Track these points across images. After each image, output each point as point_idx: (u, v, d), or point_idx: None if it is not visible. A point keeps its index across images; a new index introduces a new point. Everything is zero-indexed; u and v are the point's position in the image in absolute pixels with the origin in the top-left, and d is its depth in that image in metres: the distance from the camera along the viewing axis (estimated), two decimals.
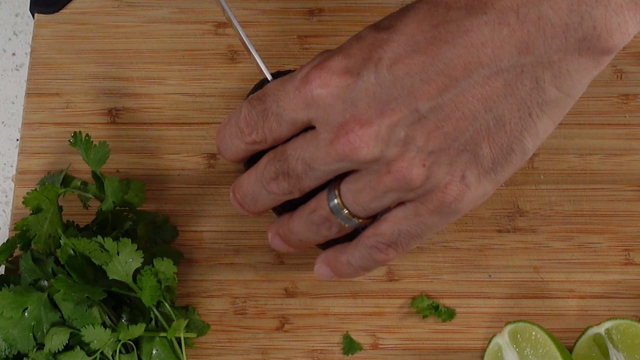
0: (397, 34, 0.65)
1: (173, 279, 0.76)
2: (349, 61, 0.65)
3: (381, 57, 0.65)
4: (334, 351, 0.80)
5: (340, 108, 0.65)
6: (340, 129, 0.65)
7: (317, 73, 0.66)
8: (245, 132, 0.70)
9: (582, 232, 0.83)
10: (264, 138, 0.70)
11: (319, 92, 0.66)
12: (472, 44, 0.63)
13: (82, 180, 0.82)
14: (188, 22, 0.89)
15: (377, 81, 0.64)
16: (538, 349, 0.77)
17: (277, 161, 0.69)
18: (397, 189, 0.66)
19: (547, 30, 0.63)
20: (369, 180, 0.67)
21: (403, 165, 0.65)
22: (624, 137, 0.85)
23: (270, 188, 0.70)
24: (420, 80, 0.64)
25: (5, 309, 0.74)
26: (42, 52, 0.88)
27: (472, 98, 0.64)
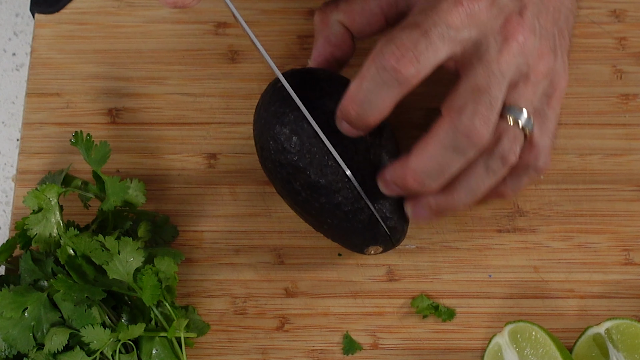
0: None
1: (174, 279, 0.76)
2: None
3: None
4: (334, 351, 0.80)
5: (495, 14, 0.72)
6: (503, 29, 0.72)
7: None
8: (403, 62, 0.69)
9: (582, 232, 0.83)
10: (424, 64, 0.69)
11: (475, 7, 0.71)
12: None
13: (82, 180, 0.82)
14: (188, 22, 0.89)
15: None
16: (538, 348, 0.77)
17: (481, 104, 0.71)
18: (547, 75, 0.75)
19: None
20: (529, 80, 0.73)
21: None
22: (624, 137, 0.85)
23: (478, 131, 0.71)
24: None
25: (5, 309, 0.74)
26: (42, 52, 0.88)
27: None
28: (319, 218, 0.77)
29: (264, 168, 0.77)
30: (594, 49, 0.87)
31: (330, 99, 0.75)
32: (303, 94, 0.75)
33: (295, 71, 0.77)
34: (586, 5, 0.88)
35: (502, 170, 0.74)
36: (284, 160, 0.75)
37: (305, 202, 0.76)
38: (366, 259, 0.82)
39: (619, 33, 0.88)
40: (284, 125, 0.74)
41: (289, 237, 0.83)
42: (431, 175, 0.72)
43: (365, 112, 0.71)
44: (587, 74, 0.87)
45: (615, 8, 0.88)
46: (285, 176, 0.75)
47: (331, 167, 0.74)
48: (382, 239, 0.77)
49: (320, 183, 0.74)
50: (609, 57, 0.87)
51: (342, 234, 0.78)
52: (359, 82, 0.71)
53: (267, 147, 0.75)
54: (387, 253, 0.82)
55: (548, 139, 0.76)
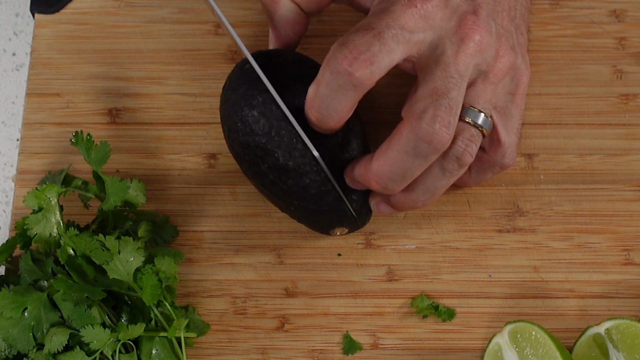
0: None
1: (174, 278, 0.76)
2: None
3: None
4: (334, 351, 0.80)
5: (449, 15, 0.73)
6: (458, 30, 0.72)
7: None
8: (357, 65, 0.69)
9: (582, 232, 0.83)
10: (377, 66, 0.69)
11: (428, 8, 0.71)
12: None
13: (82, 180, 0.82)
14: (188, 22, 0.89)
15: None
16: (538, 348, 0.77)
17: (440, 104, 0.71)
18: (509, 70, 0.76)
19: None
20: (487, 79, 0.74)
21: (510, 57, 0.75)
22: (624, 137, 0.85)
23: (439, 137, 0.71)
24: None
25: (5, 309, 0.74)
26: (42, 52, 0.88)
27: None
28: (286, 200, 0.77)
29: (231, 149, 0.77)
30: (594, 49, 0.87)
31: (300, 81, 0.75)
32: (272, 76, 0.75)
33: (263, 52, 0.77)
34: (586, 5, 0.88)
35: (459, 171, 0.75)
36: (252, 143, 0.75)
37: (272, 184, 0.76)
38: (366, 259, 0.82)
39: (619, 33, 0.88)
40: (253, 107, 0.74)
41: (289, 237, 0.83)
42: (393, 179, 0.73)
43: (324, 117, 0.72)
44: (587, 74, 0.87)
45: (615, 8, 0.88)
46: (253, 158, 0.75)
47: (299, 150, 0.75)
48: (348, 220, 0.78)
49: (289, 165, 0.75)
50: (609, 57, 0.87)
51: (309, 216, 0.78)
52: (316, 88, 0.71)
53: (234, 128, 0.75)
54: (387, 253, 0.82)
55: (514, 135, 0.77)
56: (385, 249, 0.83)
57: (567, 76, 0.87)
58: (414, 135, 0.71)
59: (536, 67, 0.86)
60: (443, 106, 0.71)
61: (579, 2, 0.88)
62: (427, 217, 0.83)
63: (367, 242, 0.83)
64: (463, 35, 0.72)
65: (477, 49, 0.73)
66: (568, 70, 0.87)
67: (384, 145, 0.73)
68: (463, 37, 0.72)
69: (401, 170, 0.73)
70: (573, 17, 0.88)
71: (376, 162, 0.73)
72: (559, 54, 0.87)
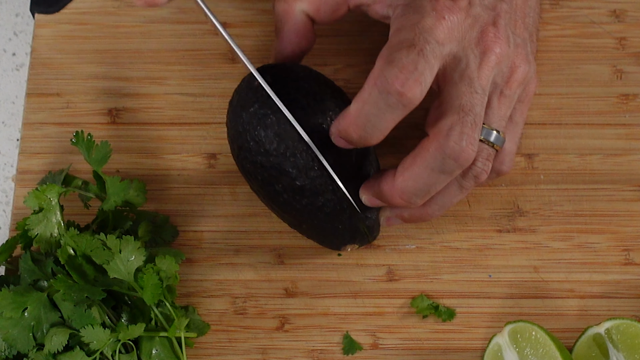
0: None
1: (175, 278, 0.76)
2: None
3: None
4: (334, 351, 0.80)
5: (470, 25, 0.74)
6: (480, 43, 0.73)
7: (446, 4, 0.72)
8: (408, 86, 0.69)
9: (582, 232, 0.83)
10: (425, 84, 0.70)
11: (454, 20, 0.72)
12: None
13: (83, 180, 0.82)
14: (188, 22, 0.89)
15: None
16: (538, 348, 0.77)
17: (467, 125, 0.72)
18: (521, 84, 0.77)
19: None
20: (503, 94, 0.75)
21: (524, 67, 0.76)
22: (624, 137, 0.85)
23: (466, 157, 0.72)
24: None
25: (5, 309, 0.74)
26: (42, 52, 0.88)
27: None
28: (298, 218, 0.77)
29: (240, 167, 0.77)
30: (594, 49, 0.87)
31: (313, 98, 0.75)
32: (283, 93, 0.74)
33: (270, 67, 0.77)
34: (586, 5, 0.88)
35: (473, 187, 0.76)
36: (266, 163, 0.74)
37: (286, 203, 0.76)
38: (366, 259, 0.82)
39: (619, 33, 0.88)
40: (267, 127, 0.74)
41: (289, 237, 0.83)
42: (418, 194, 0.74)
43: (368, 135, 0.72)
44: (587, 74, 0.87)
45: (615, 8, 0.88)
46: (267, 178, 0.75)
47: (315, 171, 0.74)
48: (360, 237, 0.78)
49: (305, 186, 0.74)
50: (609, 57, 0.87)
51: (321, 234, 0.78)
52: (361, 106, 0.71)
53: (246, 147, 0.75)
54: (387, 253, 0.82)
55: (514, 144, 0.78)
56: (385, 249, 0.83)
57: (567, 76, 0.87)
58: (441, 152, 0.72)
59: (536, 67, 0.86)
60: (469, 123, 0.72)
61: (579, 2, 0.88)
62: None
63: (371, 236, 0.83)
64: (485, 48, 0.73)
65: (497, 62, 0.74)
66: (568, 70, 0.87)
67: (407, 161, 0.74)
68: (485, 50, 0.73)
69: (426, 186, 0.74)
70: (573, 17, 0.88)
71: (400, 177, 0.74)
72: (559, 54, 0.87)
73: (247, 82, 0.76)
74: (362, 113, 0.71)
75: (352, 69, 0.87)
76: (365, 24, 0.81)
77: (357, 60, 0.87)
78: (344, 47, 0.88)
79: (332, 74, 0.87)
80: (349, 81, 0.87)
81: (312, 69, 0.78)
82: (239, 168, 0.77)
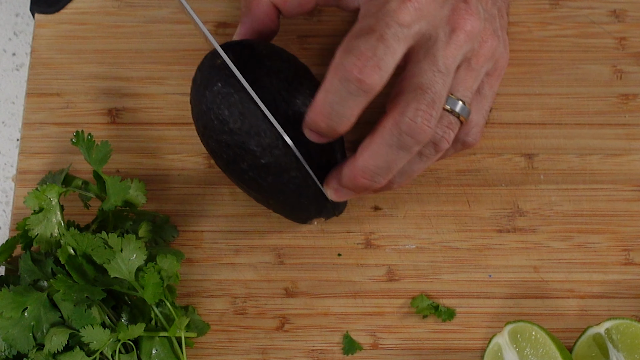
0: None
1: (176, 277, 0.76)
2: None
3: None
4: (334, 351, 0.80)
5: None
6: (450, 19, 0.73)
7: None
8: (366, 72, 0.69)
9: (582, 232, 0.83)
10: (385, 69, 0.70)
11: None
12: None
13: (83, 180, 0.82)
14: (188, 22, 0.89)
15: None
16: (538, 348, 0.77)
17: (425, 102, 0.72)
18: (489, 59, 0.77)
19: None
20: (470, 66, 0.75)
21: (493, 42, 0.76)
22: (624, 137, 0.85)
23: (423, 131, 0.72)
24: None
25: (5, 309, 0.74)
26: (42, 52, 0.88)
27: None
28: (265, 195, 0.77)
29: (206, 145, 0.77)
30: (594, 49, 0.87)
31: (276, 76, 0.75)
32: (246, 70, 0.74)
33: (233, 44, 0.76)
34: (586, 5, 0.88)
35: (435, 155, 0.76)
36: (230, 141, 0.74)
37: (251, 180, 0.76)
38: (366, 259, 0.82)
39: (619, 33, 0.88)
40: (231, 105, 0.74)
41: (289, 237, 0.83)
42: (379, 172, 0.74)
43: (334, 123, 0.72)
44: (587, 74, 0.87)
45: (615, 8, 0.88)
46: (232, 156, 0.75)
47: (280, 149, 0.74)
48: (326, 211, 0.79)
49: (270, 163, 0.74)
50: (609, 57, 0.87)
51: (288, 209, 0.79)
52: (324, 95, 0.71)
53: (210, 126, 0.75)
54: (387, 253, 0.82)
55: (482, 116, 0.78)
56: (385, 249, 0.83)
57: (567, 76, 0.87)
58: (397, 128, 0.72)
59: (536, 67, 0.87)
60: (426, 100, 0.72)
61: (579, 2, 0.88)
62: (427, 217, 0.83)
63: (367, 242, 0.83)
64: (455, 25, 0.73)
65: (466, 38, 0.73)
66: (568, 70, 0.87)
67: (366, 140, 0.74)
68: (455, 27, 0.73)
69: (386, 163, 0.73)
70: (573, 17, 0.88)
71: (360, 157, 0.74)
72: (559, 54, 0.87)
73: (210, 59, 0.76)
74: (327, 102, 0.71)
75: None
76: None
77: None
78: None
79: None
80: None
81: (275, 46, 0.78)
82: (205, 147, 0.77)
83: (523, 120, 0.86)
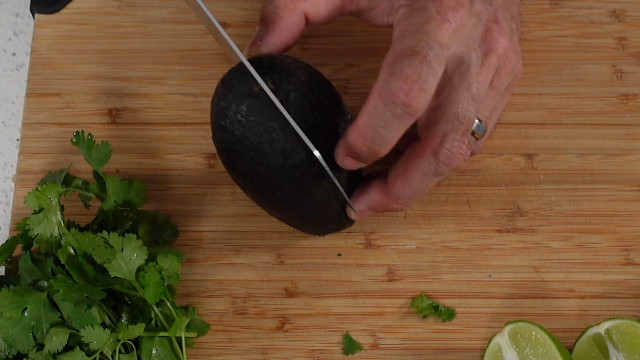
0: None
1: (176, 277, 0.76)
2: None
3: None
4: (334, 351, 0.80)
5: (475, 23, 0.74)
6: (484, 42, 0.74)
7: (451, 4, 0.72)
8: (412, 96, 0.69)
9: (582, 232, 0.83)
10: (429, 91, 0.70)
11: (458, 20, 0.72)
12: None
13: (83, 180, 0.82)
14: (188, 22, 0.89)
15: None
16: (538, 348, 0.77)
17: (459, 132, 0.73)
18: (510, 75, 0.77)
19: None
20: (492, 85, 0.75)
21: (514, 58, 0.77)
22: (624, 137, 0.85)
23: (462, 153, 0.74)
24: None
25: (5, 309, 0.74)
26: (42, 52, 0.88)
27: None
28: (287, 214, 0.77)
29: (232, 167, 0.75)
30: (594, 49, 0.87)
31: (318, 111, 0.73)
32: (282, 95, 0.72)
33: (261, 63, 0.74)
34: (586, 5, 0.88)
35: (448, 173, 0.76)
36: (267, 173, 0.73)
37: (280, 202, 0.75)
38: (366, 259, 0.82)
39: (619, 33, 0.88)
40: (273, 141, 0.72)
41: (289, 237, 0.83)
42: (413, 198, 0.76)
43: (377, 147, 0.72)
44: (587, 74, 0.87)
45: (615, 8, 0.88)
46: (266, 184, 0.74)
47: (317, 176, 0.74)
48: (343, 227, 0.80)
49: (304, 189, 0.74)
50: (609, 57, 0.87)
51: (308, 226, 0.80)
52: (368, 119, 0.71)
53: (247, 155, 0.73)
54: (387, 253, 0.82)
55: (490, 128, 0.78)
56: (385, 249, 0.83)
57: (567, 76, 0.87)
58: (434, 159, 0.73)
59: (536, 67, 0.87)
60: (462, 130, 0.73)
61: (579, 2, 0.88)
62: (427, 217, 0.83)
63: (367, 242, 0.83)
64: (488, 48, 0.74)
65: (497, 61, 0.74)
66: (568, 70, 0.87)
67: (399, 167, 0.75)
68: (488, 50, 0.74)
69: (420, 190, 0.75)
70: (573, 17, 0.88)
71: (394, 184, 0.75)
72: (559, 54, 0.87)
73: (245, 83, 0.73)
74: (370, 126, 0.71)
75: (352, 69, 0.87)
76: (365, 24, 0.81)
77: (357, 60, 0.87)
78: (344, 47, 0.88)
79: (332, 73, 0.87)
80: (348, 81, 0.87)
81: (311, 70, 0.76)
82: (230, 169, 0.75)
83: (523, 120, 0.86)
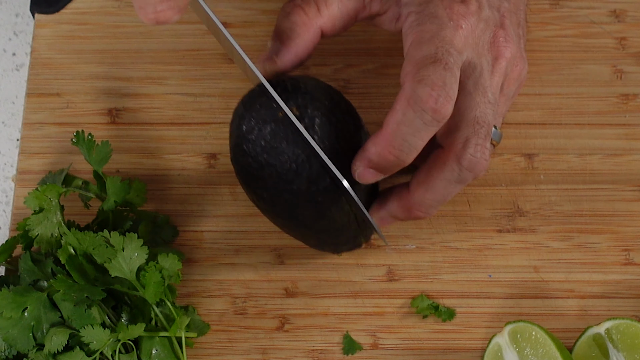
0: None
1: (177, 276, 0.76)
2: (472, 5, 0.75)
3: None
4: (334, 351, 0.80)
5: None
6: (492, 47, 0.74)
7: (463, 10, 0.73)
8: (441, 102, 0.70)
9: (582, 232, 0.83)
10: (454, 96, 0.70)
11: (468, 26, 0.73)
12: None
13: (83, 180, 0.82)
14: (188, 22, 0.89)
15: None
16: (538, 349, 0.77)
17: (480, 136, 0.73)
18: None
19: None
20: (502, 91, 0.76)
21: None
22: (624, 137, 0.85)
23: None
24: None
25: (5, 309, 0.74)
26: (42, 52, 0.88)
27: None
28: (306, 235, 0.78)
29: (253, 191, 0.74)
30: (594, 49, 0.87)
31: (341, 136, 0.73)
32: (303, 118, 0.72)
33: (285, 87, 0.73)
34: (586, 5, 0.88)
35: (471, 180, 0.76)
36: (288, 197, 0.73)
37: (300, 224, 0.76)
38: (366, 259, 0.82)
39: (619, 33, 0.88)
40: (298, 166, 0.72)
41: (289, 237, 0.83)
42: (436, 205, 0.76)
43: (404, 155, 0.72)
44: (587, 74, 0.87)
45: (615, 8, 0.88)
46: (287, 207, 0.74)
47: (339, 200, 0.74)
48: (359, 246, 0.80)
49: (325, 213, 0.74)
50: (609, 57, 0.87)
51: (324, 246, 0.79)
52: (397, 127, 0.71)
53: (270, 180, 0.73)
54: (387, 253, 0.82)
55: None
56: (385, 249, 0.83)
57: (567, 76, 0.87)
58: (458, 165, 0.73)
59: (536, 67, 0.87)
60: (483, 134, 0.73)
61: (579, 2, 0.89)
62: (427, 217, 0.83)
63: (367, 242, 0.83)
64: (497, 54, 0.74)
65: (506, 66, 0.75)
66: (568, 70, 0.87)
67: (421, 174, 0.74)
68: (497, 56, 0.74)
69: (443, 197, 0.75)
70: (573, 17, 0.88)
71: (417, 192, 0.75)
72: (559, 54, 0.87)
73: (267, 108, 0.72)
74: (399, 134, 0.71)
75: (352, 69, 0.87)
76: (365, 24, 0.81)
77: (357, 60, 0.87)
78: (344, 47, 0.88)
79: (332, 73, 0.87)
80: (348, 81, 0.87)
81: (334, 94, 0.75)
82: (252, 196, 0.75)
83: (523, 120, 0.86)
